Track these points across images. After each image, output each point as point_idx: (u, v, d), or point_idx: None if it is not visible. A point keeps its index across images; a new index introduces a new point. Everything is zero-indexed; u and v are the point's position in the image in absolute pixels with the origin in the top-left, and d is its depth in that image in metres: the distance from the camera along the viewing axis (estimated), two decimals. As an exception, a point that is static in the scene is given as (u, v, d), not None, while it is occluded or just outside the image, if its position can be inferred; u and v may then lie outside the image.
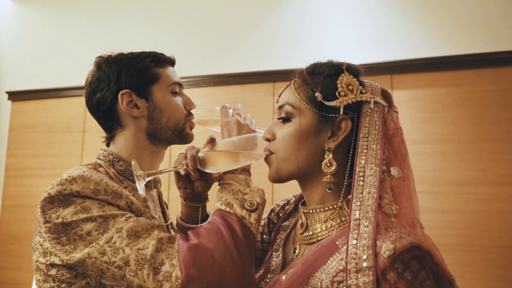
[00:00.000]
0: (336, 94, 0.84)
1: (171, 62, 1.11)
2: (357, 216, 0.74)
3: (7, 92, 3.60)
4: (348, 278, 0.69)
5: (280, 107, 0.90)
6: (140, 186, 0.88)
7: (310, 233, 0.86)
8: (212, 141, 0.92)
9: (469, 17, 2.67)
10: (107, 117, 1.06)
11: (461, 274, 2.34)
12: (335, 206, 0.84)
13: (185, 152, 0.94)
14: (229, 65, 3.10)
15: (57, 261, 0.84)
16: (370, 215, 0.73)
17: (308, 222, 0.87)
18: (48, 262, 0.85)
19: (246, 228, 0.84)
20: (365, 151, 0.81)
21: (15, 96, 3.58)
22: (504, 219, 2.38)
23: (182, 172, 0.95)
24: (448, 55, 2.63)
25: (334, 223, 0.83)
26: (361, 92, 0.85)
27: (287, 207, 1.05)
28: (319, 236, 0.84)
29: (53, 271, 0.85)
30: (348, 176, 0.85)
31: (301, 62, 0.93)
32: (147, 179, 0.91)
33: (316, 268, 0.76)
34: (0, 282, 3.29)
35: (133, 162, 0.90)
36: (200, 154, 0.90)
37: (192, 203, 1.04)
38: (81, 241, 0.83)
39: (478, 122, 2.51)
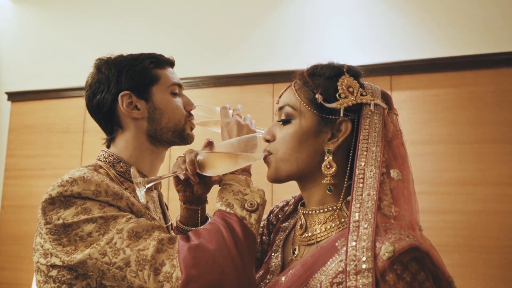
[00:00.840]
0: (337, 96, 0.85)
1: (170, 63, 1.11)
2: (357, 218, 0.74)
3: (7, 93, 3.60)
4: (347, 280, 0.70)
5: (281, 108, 0.90)
6: (141, 193, 0.88)
7: (310, 234, 0.86)
8: (209, 144, 0.92)
9: (469, 18, 2.67)
10: (108, 119, 1.06)
11: (460, 274, 2.34)
12: (335, 208, 0.84)
13: (183, 156, 0.94)
14: (228, 66, 3.10)
15: (57, 262, 0.84)
16: (370, 217, 0.73)
17: (308, 223, 0.87)
18: (49, 263, 0.86)
19: (246, 229, 0.84)
20: (365, 153, 0.81)
21: (15, 96, 3.58)
22: (503, 219, 2.38)
23: (182, 177, 0.95)
24: (447, 56, 2.63)
25: (333, 225, 0.83)
26: (362, 94, 0.86)
27: (286, 208, 1.05)
28: (319, 237, 0.84)
29: (53, 272, 0.85)
30: (348, 178, 0.85)
31: (301, 63, 0.93)
32: (147, 186, 0.90)
33: (316, 269, 0.77)
34: (0, 283, 3.29)
35: (132, 170, 0.89)
36: (198, 158, 0.90)
37: (192, 206, 1.04)
38: (82, 242, 0.83)
39: (478, 122, 2.51)
